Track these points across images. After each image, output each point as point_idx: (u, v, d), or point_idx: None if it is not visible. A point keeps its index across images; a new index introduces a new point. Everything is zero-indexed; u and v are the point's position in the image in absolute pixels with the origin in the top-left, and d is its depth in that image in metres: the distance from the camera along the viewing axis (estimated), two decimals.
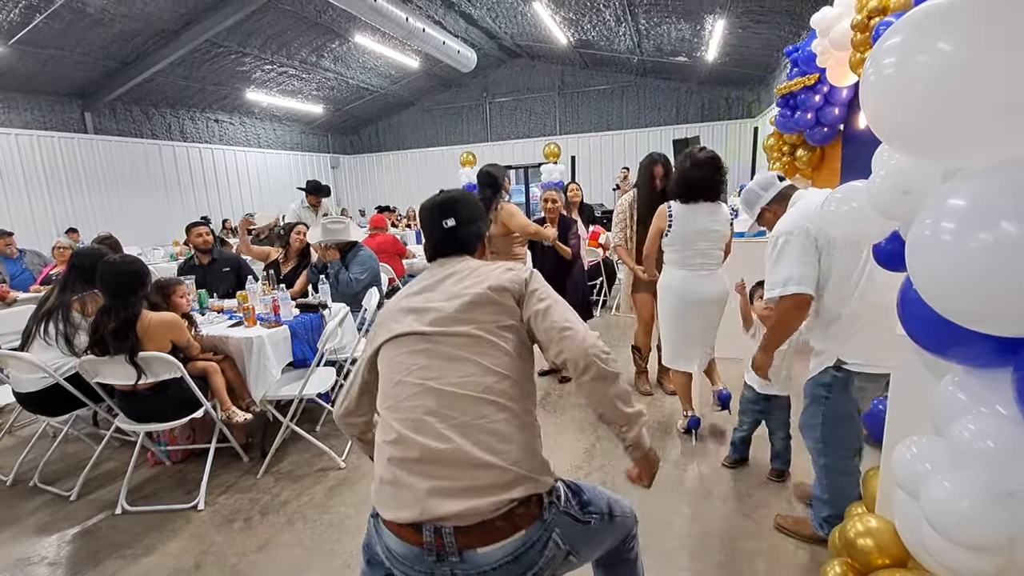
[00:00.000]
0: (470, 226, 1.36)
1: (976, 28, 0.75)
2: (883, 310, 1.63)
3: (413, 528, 1.00)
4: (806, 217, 1.76)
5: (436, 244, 1.35)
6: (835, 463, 1.91)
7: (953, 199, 0.72)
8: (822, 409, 1.88)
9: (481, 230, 1.39)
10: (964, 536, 0.78)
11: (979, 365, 0.85)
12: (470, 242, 1.36)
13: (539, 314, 1.15)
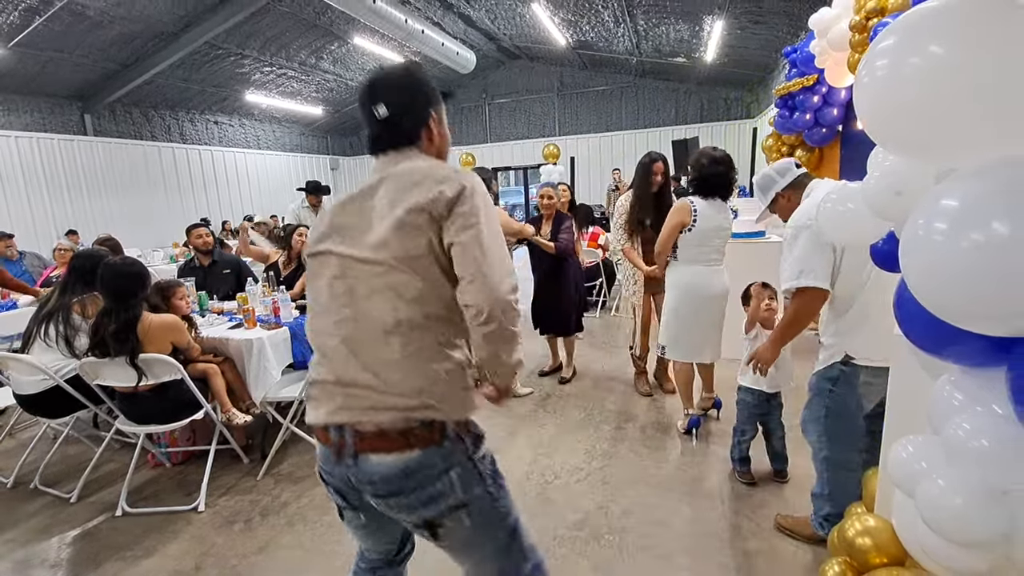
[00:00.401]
0: (408, 114, 1.15)
1: (967, 31, 0.76)
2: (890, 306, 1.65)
3: (325, 429, 1.11)
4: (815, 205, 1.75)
5: (371, 138, 1.17)
6: (836, 456, 1.91)
7: (945, 200, 0.73)
8: (826, 403, 1.89)
9: (425, 115, 1.16)
10: (959, 533, 0.79)
11: (974, 364, 0.86)
12: (412, 132, 1.16)
13: (457, 247, 1.02)
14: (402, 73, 1.18)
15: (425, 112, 1.16)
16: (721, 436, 2.97)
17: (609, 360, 4.36)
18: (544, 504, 2.44)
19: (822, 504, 1.99)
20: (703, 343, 2.97)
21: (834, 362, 1.84)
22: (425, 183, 1.06)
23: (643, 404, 3.48)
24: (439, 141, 1.20)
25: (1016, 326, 0.72)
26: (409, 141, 1.16)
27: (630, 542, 2.15)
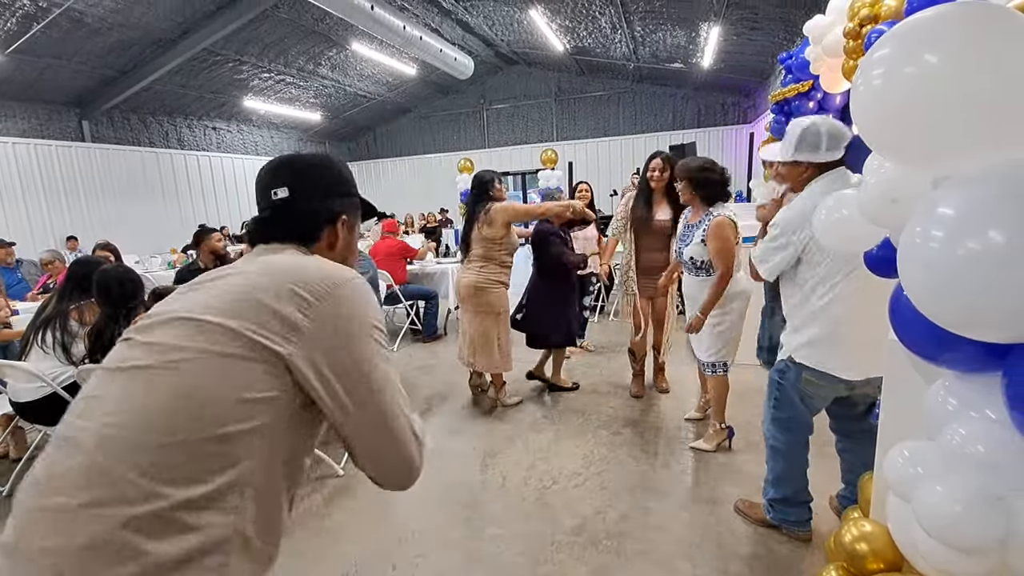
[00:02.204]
0: (312, 200, 0.94)
1: (961, 40, 0.77)
2: (841, 320, 1.80)
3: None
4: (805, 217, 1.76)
5: (257, 223, 0.94)
6: (781, 446, 2.06)
7: (943, 207, 0.73)
8: (775, 394, 2.05)
9: (335, 209, 0.96)
10: (955, 539, 0.79)
11: (969, 370, 0.87)
12: (310, 224, 0.94)
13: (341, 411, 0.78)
14: (321, 161, 0.99)
15: (334, 208, 0.96)
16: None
17: (607, 365, 4.36)
18: (542, 509, 2.44)
19: (768, 488, 2.15)
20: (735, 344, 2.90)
21: (783, 358, 1.98)
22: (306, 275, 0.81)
23: (641, 409, 3.48)
24: (342, 252, 0.98)
25: (1011, 333, 0.73)
26: (302, 237, 0.93)
27: (628, 547, 2.15)
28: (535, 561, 2.10)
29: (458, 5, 9.15)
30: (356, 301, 0.82)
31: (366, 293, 0.85)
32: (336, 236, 0.97)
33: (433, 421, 3.50)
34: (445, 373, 4.43)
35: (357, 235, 1.05)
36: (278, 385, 0.74)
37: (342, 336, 0.78)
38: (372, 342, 0.82)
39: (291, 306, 0.76)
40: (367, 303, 0.84)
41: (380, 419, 0.82)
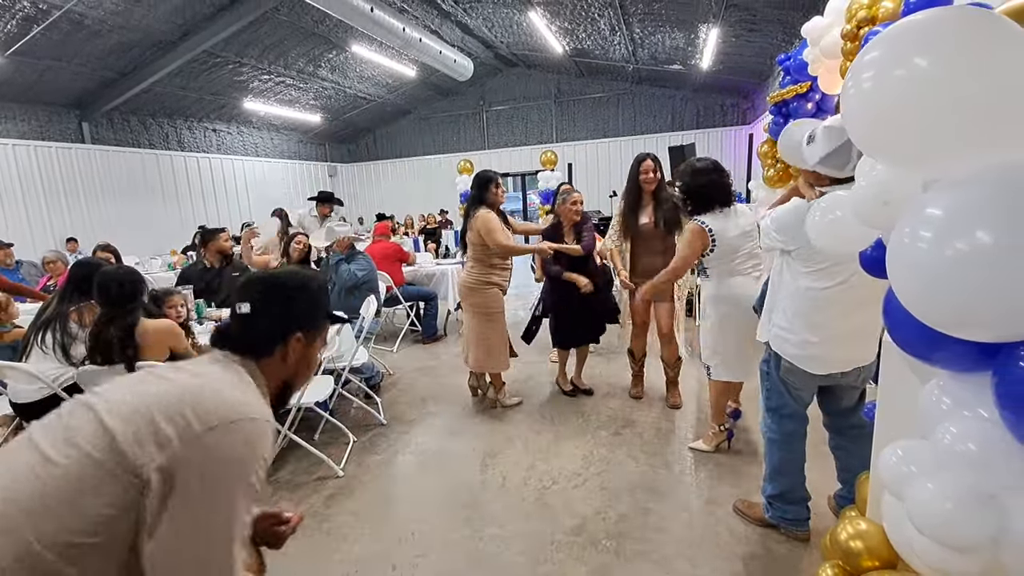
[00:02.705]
0: (270, 319, 1.00)
1: (951, 43, 0.78)
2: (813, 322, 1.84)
3: None
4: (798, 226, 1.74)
5: (217, 331, 1.02)
6: (776, 435, 2.08)
7: (930, 208, 0.75)
8: (765, 383, 2.09)
9: (291, 327, 1.01)
10: (947, 537, 0.80)
11: (961, 370, 0.88)
12: (264, 340, 1.00)
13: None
14: (291, 282, 1.05)
15: (291, 327, 1.02)
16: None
17: (607, 366, 4.37)
18: (542, 510, 2.45)
19: (765, 485, 2.15)
20: (752, 357, 2.71)
21: (767, 345, 2.06)
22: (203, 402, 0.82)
23: (641, 410, 3.49)
24: (294, 366, 1.03)
25: (1000, 332, 0.74)
26: (254, 350, 0.99)
27: (627, 547, 2.16)
28: (535, 561, 2.11)
29: (457, 7, 9.17)
30: (241, 442, 0.82)
31: (258, 439, 0.84)
32: (287, 352, 1.02)
33: (433, 422, 3.50)
34: (445, 374, 4.44)
35: (318, 348, 1.09)
36: (127, 504, 0.74)
37: (208, 471, 0.78)
38: (238, 494, 0.80)
39: (172, 426, 0.78)
40: (253, 449, 0.83)
41: (192, 566, 0.77)
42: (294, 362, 1.03)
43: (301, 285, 1.05)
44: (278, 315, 1.02)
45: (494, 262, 3.40)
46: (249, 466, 0.82)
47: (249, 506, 0.83)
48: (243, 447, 0.82)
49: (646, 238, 3.36)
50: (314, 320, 1.06)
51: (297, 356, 1.03)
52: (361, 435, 3.28)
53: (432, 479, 2.80)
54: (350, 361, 3.20)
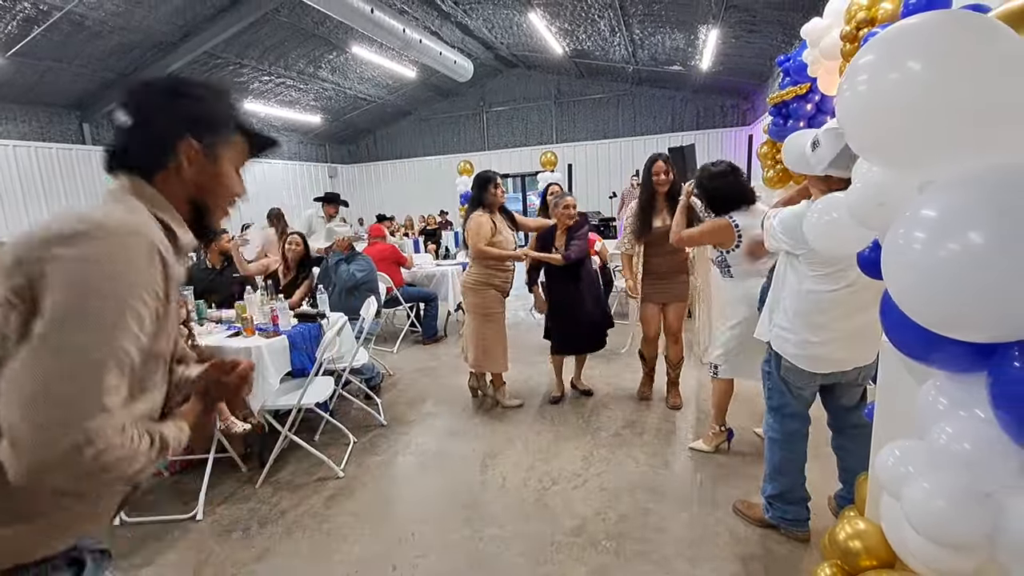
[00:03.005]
0: (153, 124, 0.87)
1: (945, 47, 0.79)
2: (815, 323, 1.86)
3: None
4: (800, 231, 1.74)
5: (105, 153, 0.89)
6: (777, 435, 2.08)
7: (924, 210, 0.75)
8: (767, 383, 2.09)
9: (173, 135, 0.86)
10: (943, 536, 0.81)
11: (957, 370, 0.88)
12: (148, 152, 0.87)
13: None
14: (175, 83, 0.90)
15: (176, 131, 0.87)
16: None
17: (607, 366, 4.37)
18: (542, 510, 2.45)
19: (765, 485, 2.16)
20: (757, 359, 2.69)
21: (768, 345, 2.07)
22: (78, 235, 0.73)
23: (640, 411, 3.49)
24: (195, 180, 0.89)
25: (995, 333, 0.75)
26: (139, 165, 0.87)
27: (628, 548, 2.16)
28: (535, 561, 2.12)
29: (457, 8, 9.18)
30: (107, 256, 0.72)
31: (132, 254, 0.74)
32: (180, 164, 0.87)
33: (433, 423, 3.51)
34: (445, 375, 4.44)
35: (231, 162, 0.94)
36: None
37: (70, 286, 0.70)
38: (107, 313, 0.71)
39: (31, 248, 0.72)
40: (127, 265, 0.73)
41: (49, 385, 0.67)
42: (193, 175, 0.89)
43: (190, 84, 0.90)
44: (160, 120, 0.87)
45: (492, 263, 3.41)
46: (121, 282, 0.72)
47: (132, 335, 0.72)
48: (110, 261, 0.73)
49: (660, 240, 3.30)
50: (212, 126, 0.90)
51: (196, 169, 0.89)
52: (361, 436, 3.29)
53: (432, 480, 2.81)
54: (350, 362, 3.21)
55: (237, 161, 0.96)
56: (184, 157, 0.88)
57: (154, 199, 0.86)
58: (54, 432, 0.65)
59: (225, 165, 0.93)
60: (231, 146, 0.94)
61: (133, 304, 0.73)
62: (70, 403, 0.67)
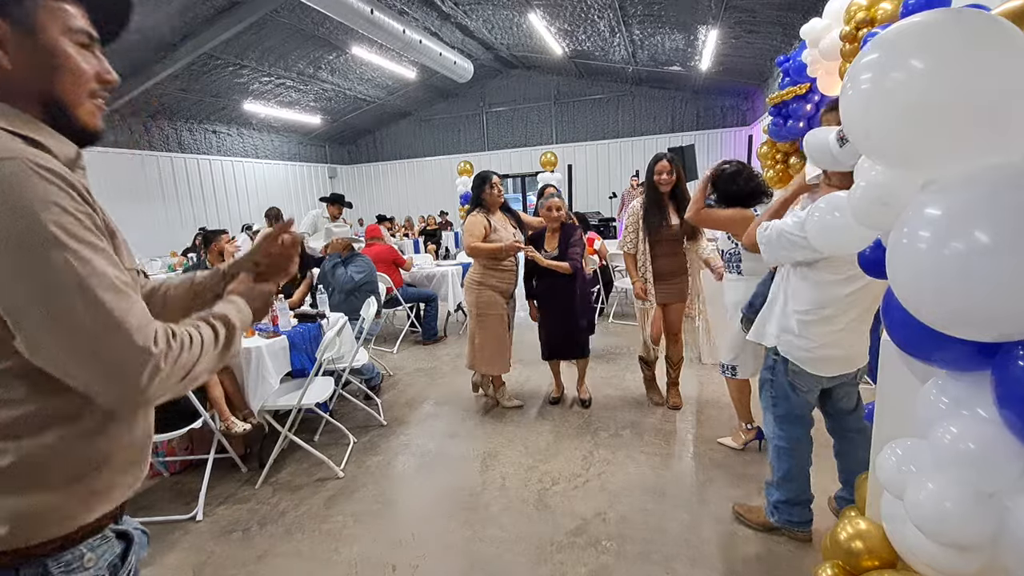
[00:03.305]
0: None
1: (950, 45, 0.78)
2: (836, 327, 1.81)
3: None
4: None
5: None
6: (785, 443, 2.04)
7: (928, 209, 0.75)
8: (770, 392, 2.03)
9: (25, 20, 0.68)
10: (947, 536, 0.80)
11: (959, 369, 0.88)
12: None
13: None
14: None
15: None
16: (719, 444, 2.98)
17: (607, 368, 4.37)
18: (542, 511, 2.45)
19: (772, 491, 2.12)
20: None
21: (769, 351, 2.01)
22: None
23: (641, 411, 3.49)
24: (25, 70, 0.70)
25: (997, 332, 0.74)
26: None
27: (628, 549, 2.16)
28: (535, 562, 2.11)
29: (457, 9, 9.18)
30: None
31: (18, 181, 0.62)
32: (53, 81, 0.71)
33: (433, 423, 3.51)
34: (445, 375, 4.44)
35: (57, 34, 0.72)
36: None
37: None
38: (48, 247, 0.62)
39: None
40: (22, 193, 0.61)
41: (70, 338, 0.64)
42: (22, 62, 0.69)
43: None
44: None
45: (489, 263, 3.40)
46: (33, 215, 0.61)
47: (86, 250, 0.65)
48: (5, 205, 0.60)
49: (663, 240, 3.31)
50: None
51: (20, 51, 0.69)
52: (361, 436, 3.28)
53: (432, 480, 2.81)
54: (350, 362, 3.20)
55: (73, 30, 0.74)
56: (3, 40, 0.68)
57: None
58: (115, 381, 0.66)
59: (54, 38, 0.71)
60: (51, 10, 0.71)
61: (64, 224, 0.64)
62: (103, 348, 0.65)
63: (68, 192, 0.65)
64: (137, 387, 0.66)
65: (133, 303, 0.68)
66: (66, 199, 0.65)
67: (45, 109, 0.73)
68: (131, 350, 0.66)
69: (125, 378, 0.66)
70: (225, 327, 0.80)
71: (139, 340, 0.66)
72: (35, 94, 0.72)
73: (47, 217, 0.62)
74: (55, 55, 0.72)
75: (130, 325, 0.66)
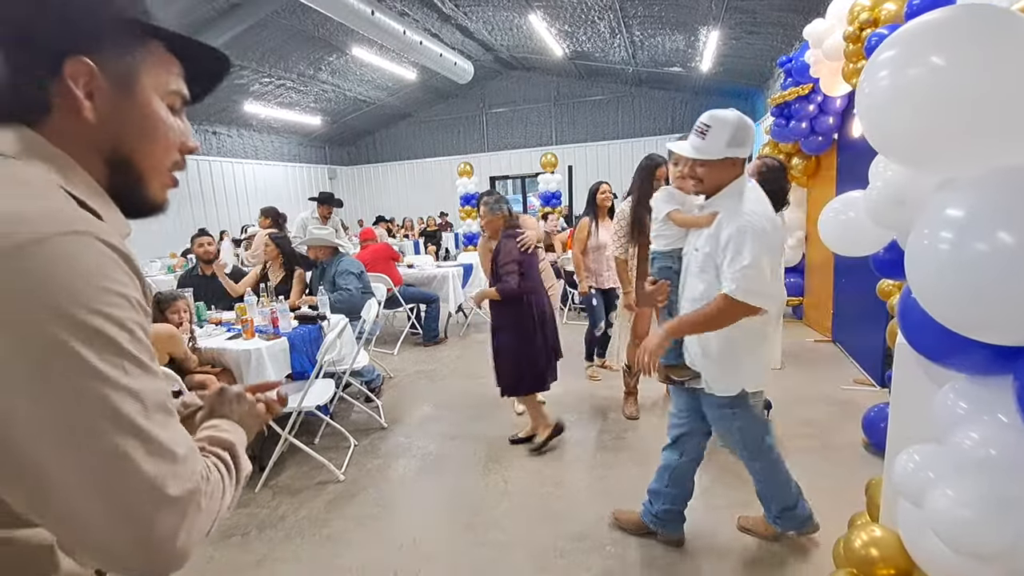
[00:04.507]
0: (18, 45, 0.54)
1: (968, 42, 0.76)
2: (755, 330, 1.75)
3: None
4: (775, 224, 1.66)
5: None
6: (766, 463, 2.01)
7: (950, 209, 0.73)
8: (737, 425, 1.92)
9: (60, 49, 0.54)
10: (970, 545, 0.78)
11: (979, 373, 0.86)
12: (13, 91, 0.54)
13: None
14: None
15: (58, 50, 0.54)
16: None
17: (608, 374, 4.34)
18: (545, 515, 2.42)
19: (770, 503, 2.09)
20: (774, 348, 2.93)
21: (729, 395, 1.85)
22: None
23: (643, 414, 3.46)
24: (108, 121, 0.57)
25: (1022, 336, 0.72)
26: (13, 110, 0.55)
27: (632, 553, 2.13)
28: (538, 567, 2.09)
29: (458, 10, 9.17)
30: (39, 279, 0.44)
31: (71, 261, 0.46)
32: (76, 100, 0.54)
33: (434, 426, 3.48)
34: (446, 378, 4.41)
35: (153, 86, 0.61)
36: None
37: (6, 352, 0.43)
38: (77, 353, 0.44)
39: None
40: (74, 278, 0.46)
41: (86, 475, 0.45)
42: (106, 116, 0.57)
43: None
44: (28, 31, 0.53)
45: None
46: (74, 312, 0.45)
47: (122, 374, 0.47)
48: (48, 283, 0.44)
49: (647, 244, 3.27)
50: (114, 31, 0.58)
51: (107, 105, 0.57)
52: (362, 439, 3.25)
53: (434, 484, 2.78)
54: (351, 364, 3.18)
55: (169, 92, 0.62)
56: (79, 87, 0.55)
57: (60, 165, 0.55)
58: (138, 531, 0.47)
59: (149, 98, 0.60)
60: (152, 63, 0.61)
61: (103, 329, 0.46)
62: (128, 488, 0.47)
63: (136, 294, 0.51)
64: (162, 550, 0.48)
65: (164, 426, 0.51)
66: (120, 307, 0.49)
67: (112, 171, 0.60)
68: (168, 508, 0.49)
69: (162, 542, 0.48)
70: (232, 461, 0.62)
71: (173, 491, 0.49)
72: (106, 152, 0.59)
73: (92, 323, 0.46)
74: (147, 118, 0.60)
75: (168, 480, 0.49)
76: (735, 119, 1.65)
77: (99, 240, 0.49)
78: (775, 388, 3.34)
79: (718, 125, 1.62)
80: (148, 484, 0.47)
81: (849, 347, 4.37)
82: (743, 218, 1.58)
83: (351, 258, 4.18)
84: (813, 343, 4.77)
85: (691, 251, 1.84)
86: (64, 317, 0.44)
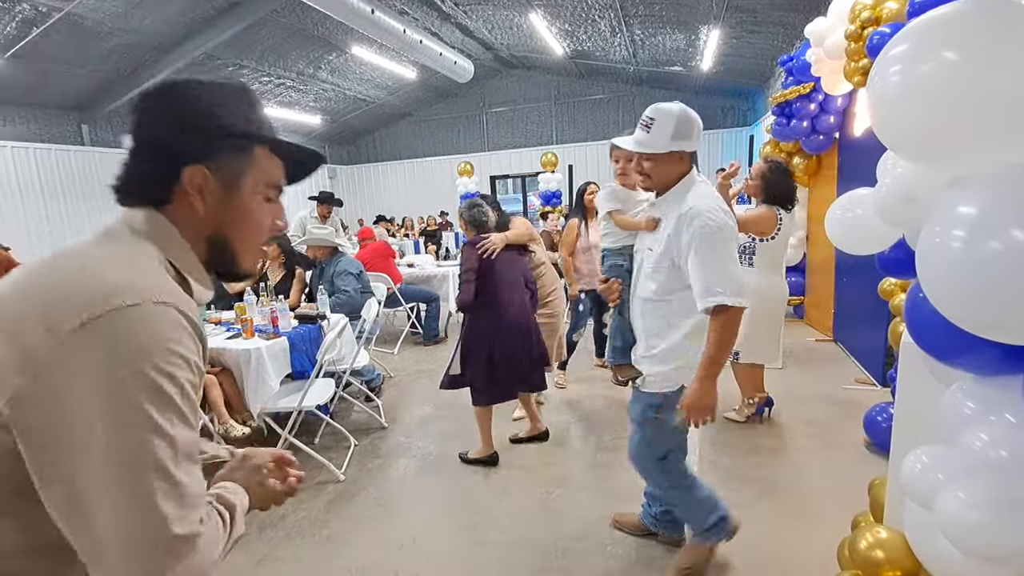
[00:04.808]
0: (153, 147, 0.70)
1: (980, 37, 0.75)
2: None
3: None
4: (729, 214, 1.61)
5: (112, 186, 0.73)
6: (684, 477, 1.89)
7: (961, 206, 0.72)
8: (650, 430, 1.82)
9: (177, 162, 0.69)
10: (981, 547, 0.77)
11: (988, 372, 0.85)
12: (150, 181, 0.70)
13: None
14: (160, 87, 0.71)
15: (180, 157, 0.69)
16: (723, 446, 2.95)
17: (606, 372, 4.33)
18: (546, 515, 2.41)
19: (654, 504, 2.10)
20: (777, 347, 3.12)
21: (667, 391, 1.73)
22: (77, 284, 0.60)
23: None
24: (214, 214, 0.72)
25: None
26: (144, 197, 0.71)
27: (632, 553, 2.12)
28: (538, 567, 2.08)
29: (457, 9, 9.15)
30: (126, 336, 0.57)
31: (156, 327, 0.59)
32: (190, 195, 0.69)
33: (434, 426, 3.47)
34: None
35: (254, 188, 0.74)
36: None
37: (85, 387, 0.55)
38: (138, 410, 0.56)
39: (33, 337, 0.56)
40: (151, 341, 0.58)
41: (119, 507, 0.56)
42: (213, 209, 0.71)
43: (191, 88, 0.70)
44: (154, 141, 0.70)
45: None
46: (145, 367, 0.57)
47: (168, 424, 0.58)
48: (131, 340, 0.57)
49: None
50: (224, 144, 0.71)
51: (215, 201, 0.71)
52: (362, 439, 3.24)
53: (434, 483, 2.77)
54: (351, 363, 3.17)
55: (267, 186, 0.76)
56: (194, 188, 0.70)
57: (171, 241, 0.70)
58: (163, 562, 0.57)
59: (248, 194, 0.74)
60: (255, 168, 0.74)
61: (164, 388, 0.59)
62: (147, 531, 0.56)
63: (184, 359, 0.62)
64: None
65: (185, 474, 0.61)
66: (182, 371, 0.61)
67: (211, 248, 0.75)
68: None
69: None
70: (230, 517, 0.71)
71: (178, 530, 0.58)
72: (209, 234, 0.74)
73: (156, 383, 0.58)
74: (246, 211, 0.75)
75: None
76: (679, 112, 1.63)
77: (176, 310, 0.62)
78: (776, 388, 3.34)
79: (662, 118, 1.60)
80: (160, 519, 0.56)
81: (850, 346, 4.36)
82: (702, 217, 1.52)
83: (350, 258, 4.16)
84: (814, 342, 4.76)
85: (643, 250, 1.77)
86: (138, 374, 0.57)
